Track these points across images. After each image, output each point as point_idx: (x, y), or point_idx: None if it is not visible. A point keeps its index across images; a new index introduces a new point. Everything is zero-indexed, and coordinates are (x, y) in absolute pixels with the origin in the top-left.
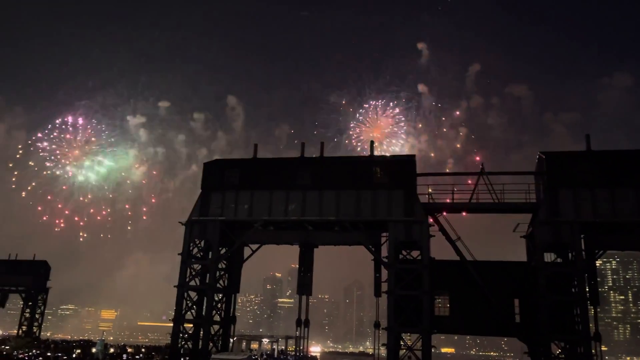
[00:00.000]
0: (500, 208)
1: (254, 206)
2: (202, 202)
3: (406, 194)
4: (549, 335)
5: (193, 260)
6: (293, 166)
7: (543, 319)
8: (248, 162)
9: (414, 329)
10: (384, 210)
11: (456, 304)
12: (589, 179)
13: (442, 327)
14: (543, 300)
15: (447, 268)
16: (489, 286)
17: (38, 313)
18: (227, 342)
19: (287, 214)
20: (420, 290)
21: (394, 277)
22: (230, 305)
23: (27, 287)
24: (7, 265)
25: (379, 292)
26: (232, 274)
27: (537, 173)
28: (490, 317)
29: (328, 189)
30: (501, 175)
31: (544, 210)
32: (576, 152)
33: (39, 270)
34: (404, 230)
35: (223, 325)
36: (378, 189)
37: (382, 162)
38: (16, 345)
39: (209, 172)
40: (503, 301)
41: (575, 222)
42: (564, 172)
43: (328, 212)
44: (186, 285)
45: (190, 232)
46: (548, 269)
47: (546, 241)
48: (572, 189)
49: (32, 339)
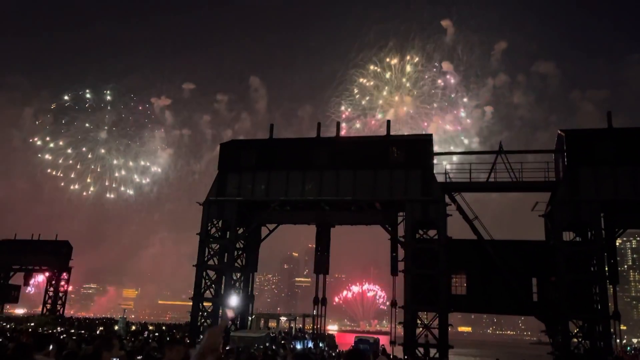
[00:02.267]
0: (519, 187)
1: (270, 186)
2: (219, 183)
3: (423, 173)
4: (567, 314)
5: (211, 240)
6: (309, 146)
7: (561, 298)
8: (264, 143)
9: (430, 308)
10: (401, 189)
11: (473, 283)
12: (610, 156)
13: (459, 305)
14: (561, 279)
15: (464, 247)
16: (506, 265)
17: (61, 292)
18: (245, 320)
19: (303, 194)
20: (437, 269)
21: (411, 256)
22: (249, 284)
23: (50, 267)
24: (30, 245)
25: (395, 271)
26: (250, 253)
27: (557, 151)
28: (508, 296)
29: (344, 169)
30: (520, 154)
31: (563, 188)
32: (597, 130)
33: (61, 250)
34: (421, 210)
35: (241, 304)
36: (395, 168)
37: (399, 141)
38: (40, 323)
39: (226, 153)
40: (521, 280)
41: (595, 200)
42: (585, 150)
43: (344, 192)
44: (205, 265)
45: (208, 212)
46: (567, 248)
47: (565, 220)
48: (592, 167)
49: (56, 317)
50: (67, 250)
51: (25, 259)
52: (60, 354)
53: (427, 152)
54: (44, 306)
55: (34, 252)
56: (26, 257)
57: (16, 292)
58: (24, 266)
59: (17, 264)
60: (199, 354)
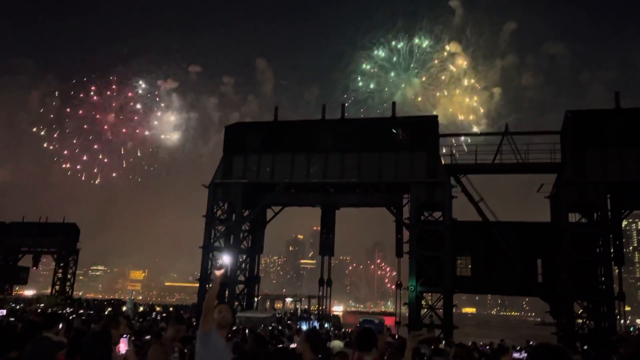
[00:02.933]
0: (525, 168)
1: (275, 169)
2: (224, 165)
3: (429, 155)
4: (572, 295)
5: (217, 222)
6: (314, 128)
7: (566, 279)
8: (269, 125)
9: (435, 289)
10: (406, 171)
11: (478, 264)
12: (617, 138)
13: (464, 287)
14: (567, 260)
15: (469, 229)
16: (511, 247)
17: (70, 273)
18: (251, 301)
19: (308, 177)
20: (442, 251)
21: (416, 238)
22: (254, 265)
23: (58, 249)
24: (38, 228)
25: (400, 253)
26: (256, 235)
27: (564, 132)
28: (513, 277)
29: (349, 151)
30: (527, 135)
31: (569, 170)
32: (605, 111)
33: (69, 232)
34: (426, 192)
35: (247, 285)
36: (400, 150)
37: (404, 123)
38: (50, 303)
39: (231, 136)
40: (525, 261)
41: (602, 182)
42: (592, 131)
43: (349, 174)
44: (211, 246)
45: (213, 194)
46: (572, 230)
47: (571, 201)
48: (599, 149)
49: (65, 298)
50: (75, 232)
51: (34, 241)
52: (69, 333)
53: (432, 133)
54: (53, 287)
55: (41, 234)
56: (34, 239)
57: (25, 273)
58: (32, 248)
59: (26, 246)
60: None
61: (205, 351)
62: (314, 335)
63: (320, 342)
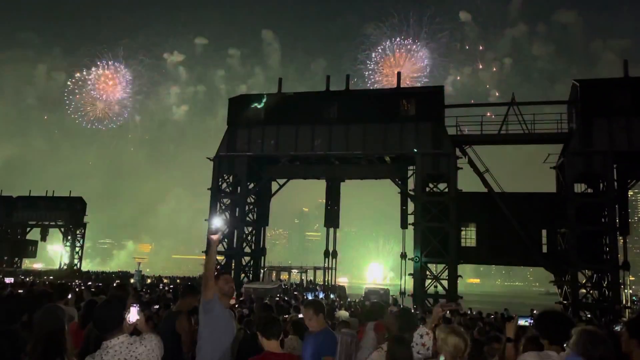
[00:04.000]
0: (531, 139)
1: (280, 141)
2: (229, 138)
3: (434, 126)
4: (577, 265)
5: (222, 194)
6: (318, 100)
7: (571, 249)
8: (273, 97)
9: (440, 260)
10: (411, 143)
11: (483, 235)
12: (625, 107)
13: (469, 257)
14: (572, 230)
15: (474, 200)
16: (516, 217)
17: (78, 247)
18: (257, 272)
19: (313, 149)
20: (447, 222)
21: (421, 210)
22: (260, 237)
23: (65, 222)
24: (45, 202)
25: (405, 224)
26: (261, 208)
27: (571, 102)
28: (517, 247)
29: (354, 123)
30: (534, 105)
31: (576, 140)
32: (613, 79)
33: (76, 206)
34: (431, 163)
35: (253, 257)
36: (405, 121)
37: (410, 94)
38: (59, 276)
39: (235, 108)
40: (530, 232)
41: (609, 151)
42: (599, 101)
43: (354, 146)
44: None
45: (218, 167)
46: (578, 200)
47: (577, 171)
48: (606, 118)
49: (74, 271)
50: (82, 206)
51: (41, 215)
52: (79, 304)
53: (438, 104)
54: (61, 261)
55: (48, 208)
56: (41, 213)
57: (34, 247)
58: (39, 222)
59: (33, 220)
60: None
61: (208, 318)
62: (313, 301)
63: (321, 304)
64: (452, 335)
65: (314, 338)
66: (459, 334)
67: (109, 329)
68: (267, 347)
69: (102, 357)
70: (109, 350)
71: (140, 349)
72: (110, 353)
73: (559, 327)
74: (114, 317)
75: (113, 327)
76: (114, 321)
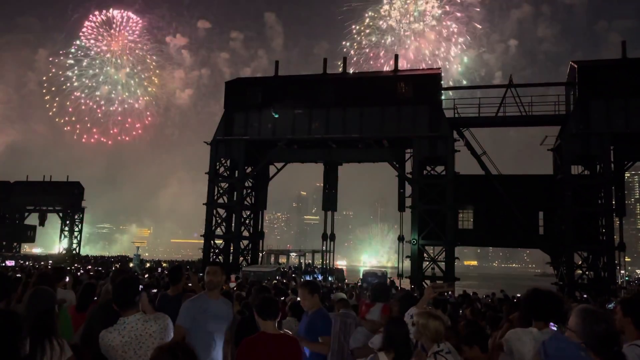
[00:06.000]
0: (528, 121)
1: (277, 125)
2: (225, 122)
3: (431, 109)
4: (573, 246)
5: (220, 179)
6: (315, 83)
7: (567, 230)
8: (270, 80)
9: (437, 242)
10: (409, 126)
11: (480, 217)
12: (622, 88)
13: (466, 240)
14: (568, 212)
15: (471, 182)
16: (513, 199)
17: (76, 231)
18: (256, 256)
19: (310, 132)
20: (444, 205)
21: (418, 192)
22: (258, 221)
23: (63, 207)
24: (42, 187)
25: (402, 207)
26: (259, 192)
27: (568, 83)
28: (514, 229)
29: (351, 106)
30: (532, 87)
31: (573, 121)
32: (611, 60)
33: (73, 190)
34: (429, 146)
35: (252, 241)
36: (402, 104)
37: (407, 77)
38: (58, 260)
39: (231, 92)
40: (527, 214)
41: (606, 133)
42: (596, 82)
43: (352, 130)
44: (214, 203)
45: (216, 151)
46: (575, 182)
47: (574, 153)
48: (604, 99)
49: (72, 255)
50: (79, 191)
51: (38, 199)
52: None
53: (435, 87)
54: (60, 245)
55: (46, 193)
56: (39, 198)
57: (32, 232)
58: (37, 207)
59: (31, 204)
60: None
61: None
62: (309, 281)
63: (316, 285)
64: (432, 320)
65: (308, 318)
66: (438, 317)
67: (127, 305)
68: (264, 327)
69: (119, 332)
70: (126, 325)
71: (155, 327)
72: (127, 328)
73: (541, 305)
74: (132, 294)
75: (130, 304)
76: (132, 299)
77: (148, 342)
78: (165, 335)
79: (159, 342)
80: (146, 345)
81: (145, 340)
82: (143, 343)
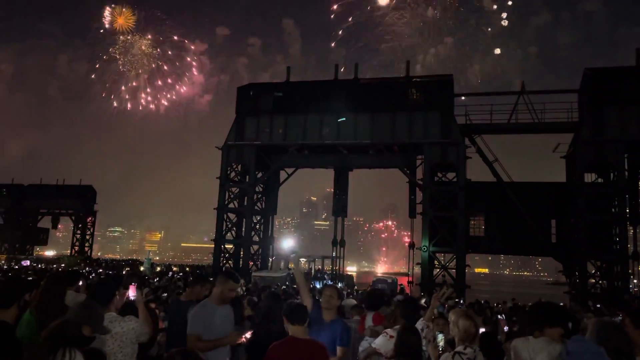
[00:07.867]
0: (541, 128)
1: (288, 130)
2: (237, 127)
3: (443, 115)
4: (586, 255)
5: (231, 183)
6: (327, 89)
7: (580, 239)
8: (281, 86)
9: (448, 249)
10: (420, 132)
11: (491, 224)
12: (636, 95)
13: (477, 247)
14: (581, 220)
15: (483, 189)
16: (525, 207)
17: (88, 234)
18: (266, 261)
19: (321, 138)
20: (455, 212)
21: (429, 199)
22: (268, 226)
23: (76, 210)
24: (55, 190)
25: (413, 213)
26: (269, 196)
27: (581, 90)
28: (526, 237)
29: (363, 112)
30: (545, 94)
31: (586, 129)
32: (624, 68)
33: (86, 194)
34: (440, 152)
35: (262, 246)
36: (414, 110)
37: (418, 82)
38: (70, 263)
39: (243, 97)
40: (539, 222)
41: (620, 141)
42: (610, 89)
43: (363, 136)
44: (225, 208)
45: (227, 156)
46: (588, 190)
47: (588, 161)
48: (617, 107)
49: (84, 258)
50: (92, 194)
51: (51, 203)
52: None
53: (447, 93)
54: (72, 248)
55: (59, 196)
56: (52, 201)
57: (45, 234)
58: (50, 210)
59: (44, 207)
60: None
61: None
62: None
63: (340, 292)
64: (462, 319)
65: (328, 327)
66: (470, 318)
67: (101, 303)
68: (293, 332)
69: None
70: None
71: (117, 329)
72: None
73: (540, 315)
74: (107, 293)
75: (104, 302)
76: (106, 297)
77: (109, 342)
78: (127, 339)
79: (119, 345)
80: (109, 346)
81: (107, 340)
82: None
